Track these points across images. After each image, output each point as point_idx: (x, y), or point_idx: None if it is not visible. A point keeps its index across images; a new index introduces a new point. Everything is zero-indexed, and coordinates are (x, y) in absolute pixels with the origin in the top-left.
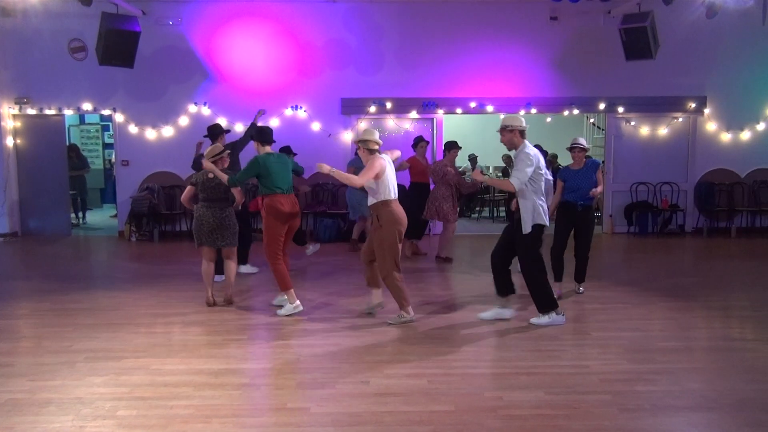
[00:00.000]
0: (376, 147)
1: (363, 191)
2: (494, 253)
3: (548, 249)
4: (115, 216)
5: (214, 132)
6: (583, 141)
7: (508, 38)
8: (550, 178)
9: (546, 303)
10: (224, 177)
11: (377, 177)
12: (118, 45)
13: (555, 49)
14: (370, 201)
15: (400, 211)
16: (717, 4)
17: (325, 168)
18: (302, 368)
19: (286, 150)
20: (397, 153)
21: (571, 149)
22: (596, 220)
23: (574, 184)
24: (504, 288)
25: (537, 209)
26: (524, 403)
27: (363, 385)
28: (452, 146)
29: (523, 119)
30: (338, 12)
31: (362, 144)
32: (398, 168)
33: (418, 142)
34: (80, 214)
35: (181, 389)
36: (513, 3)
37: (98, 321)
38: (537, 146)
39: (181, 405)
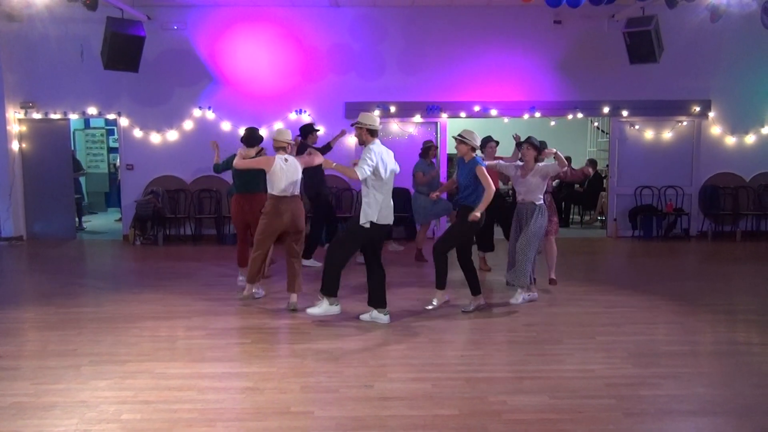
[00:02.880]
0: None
1: (426, 195)
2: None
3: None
4: (120, 220)
5: (305, 131)
6: (468, 135)
7: (512, 42)
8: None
9: (331, 287)
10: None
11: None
12: (123, 49)
13: (559, 52)
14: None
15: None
16: (721, 8)
17: (331, 164)
18: (306, 372)
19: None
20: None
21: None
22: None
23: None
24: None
25: (375, 207)
26: (528, 408)
27: (367, 389)
28: (488, 141)
29: (376, 119)
30: (342, 16)
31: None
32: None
33: (487, 142)
34: (75, 219)
35: (185, 393)
36: (517, 7)
37: (103, 325)
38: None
39: (185, 409)
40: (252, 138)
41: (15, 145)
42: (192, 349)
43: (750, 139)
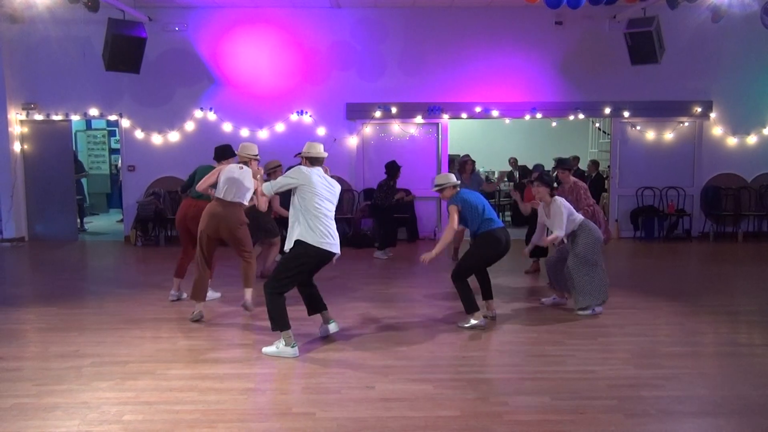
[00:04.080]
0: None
1: None
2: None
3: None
4: (121, 221)
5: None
6: (441, 179)
7: (513, 43)
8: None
9: (280, 323)
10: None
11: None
12: (125, 51)
13: (560, 53)
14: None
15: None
16: (722, 8)
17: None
18: (307, 373)
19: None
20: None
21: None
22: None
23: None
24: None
25: (304, 228)
26: (530, 409)
27: (368, 390)
28: (464, 162)
29: (319, 148)
30: (343, 18)
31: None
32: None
33: (464, 163)
34: (77, 220)
35: (187, 394)
36: (518, 8)
37: (104, 326)
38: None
39: (186, 410)
40: (222, 152)
41: (17, 147)
42: (193, 350)
43: (751, 139)
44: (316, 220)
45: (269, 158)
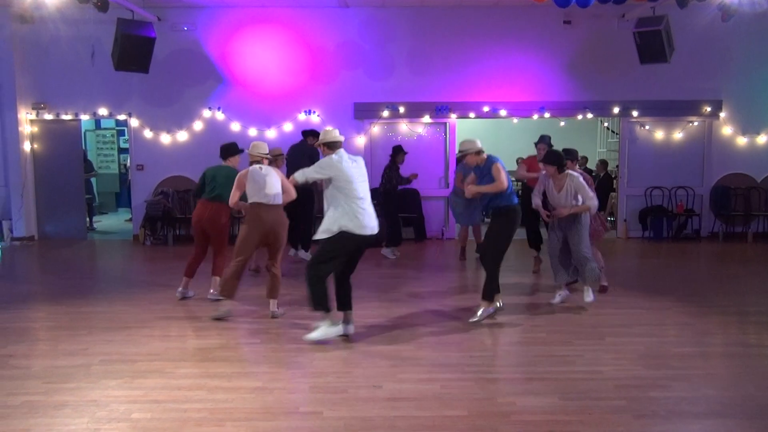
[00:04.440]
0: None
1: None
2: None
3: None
4: (130, 220)
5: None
6: (466, 145)
7: (522, 42)
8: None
9: (323, 306)
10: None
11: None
12: (134, 50)
13: (569, 52)
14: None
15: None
16: (732, 7)
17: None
18: (315, 372)
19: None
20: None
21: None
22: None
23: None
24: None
25: (341, 214)
26: (538, 409)
27: (376, 390)
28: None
29: (334, 132)
30: (351, 17)
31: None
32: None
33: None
34: (86, 219)
35: (195, 392)
36: (526, 7)
37: (113, 324)
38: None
39: (195, 408)
40: (227, 150)
41: (27, 146)
42: (202, 348)
43: (761, 139)
44: (356, 206)
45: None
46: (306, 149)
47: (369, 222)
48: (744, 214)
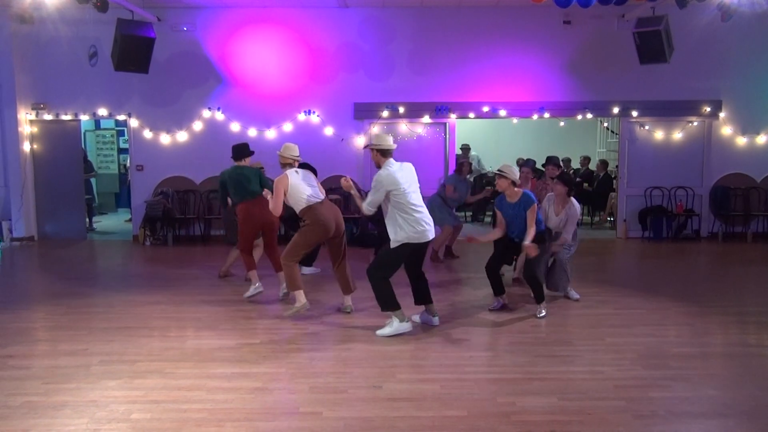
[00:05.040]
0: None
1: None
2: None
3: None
4: (130, 220)
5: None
6: (508, 169)
7: (522, 42)
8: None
9: (390, 304)
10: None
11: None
12: (133, 51)
13: (568, 53)
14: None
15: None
16: (732, 7)
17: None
18: (315, 372)
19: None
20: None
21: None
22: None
23: (508, 219)
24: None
25: (405, 228)
26: (537, 409)
27: (375, 390)
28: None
29: (388, 139)
30: (350, 17)
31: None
32: None
33: (521, 166)
34: (86, 219)
35: (195, 393)
36: (526, 7)
37: (113, 325)
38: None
39: (194, 408)
40: (240, 150)
41: (26, 146)
42: (201, 349)
43: (761, 139)
44: (411, 217)
45: (276, 157)
46: None
47: (427, 227)
48: (743, 214)
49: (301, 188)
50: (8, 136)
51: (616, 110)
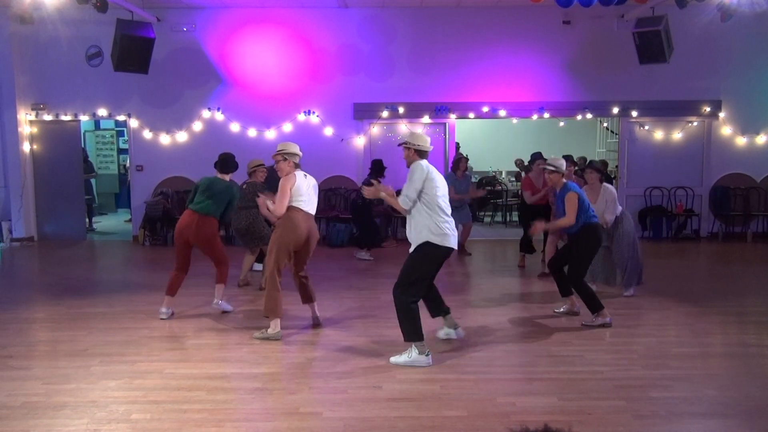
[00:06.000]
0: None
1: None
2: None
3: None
4: (129, 221)
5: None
6: (556, 163)
7: (521, 42)
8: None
9: (415, 335)
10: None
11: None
12: (133, 51)
13: (568, 53)
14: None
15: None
16: (731, 7)
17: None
18: (315, 373)
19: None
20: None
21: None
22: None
23: (558, 213)
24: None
25: (430, 227)
26: (537, 409)
27: (375, 390)
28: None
29: (427, 140)
30: (350, 18)
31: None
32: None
33: (535, 160)
34: (86, 220)
35: (195, 393)
36: (526, 7)
37: (113, 325)
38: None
39: (194, 409)
40: (226, 163)
41: (26, 147)
42: (201, 349)
43: (761, 139)
44: (439, 218)
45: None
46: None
47: (452, 233)
48: (743, 214)
49: (302, 191)
50: (8, 136)
51: (615, 110)
